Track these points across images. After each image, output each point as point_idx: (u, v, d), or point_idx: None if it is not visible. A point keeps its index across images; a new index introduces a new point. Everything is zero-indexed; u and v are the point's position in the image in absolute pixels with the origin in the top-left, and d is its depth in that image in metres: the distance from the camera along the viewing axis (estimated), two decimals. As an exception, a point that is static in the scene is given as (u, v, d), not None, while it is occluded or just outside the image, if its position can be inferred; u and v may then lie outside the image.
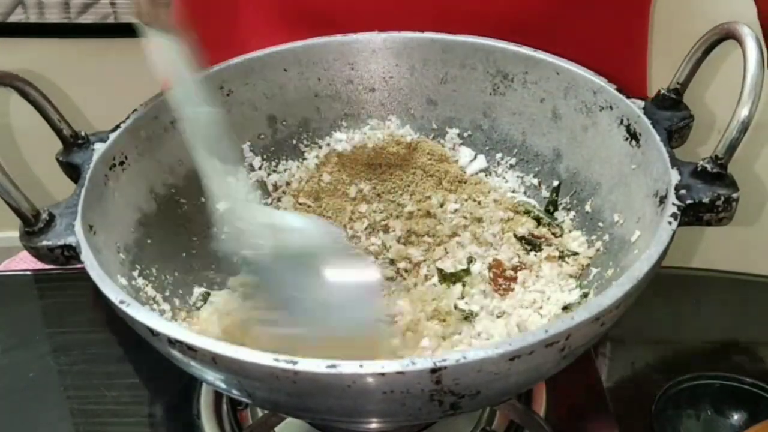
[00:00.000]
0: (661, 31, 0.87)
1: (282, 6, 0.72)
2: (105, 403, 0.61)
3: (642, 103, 0.53)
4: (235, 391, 0.42)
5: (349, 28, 0.63)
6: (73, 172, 0.52)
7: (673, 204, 0.45)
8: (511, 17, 0.69)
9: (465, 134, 0.64)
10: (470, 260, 0.57)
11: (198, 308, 0.55)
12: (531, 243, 0.58)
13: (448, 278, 0.56)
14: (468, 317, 0.53)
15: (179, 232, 0.57)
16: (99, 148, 0.52)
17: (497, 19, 0.67)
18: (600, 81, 0.56)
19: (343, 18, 0.68)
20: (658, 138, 0.50)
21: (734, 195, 0.46)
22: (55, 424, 0.60)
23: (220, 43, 0.67)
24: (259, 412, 0.58)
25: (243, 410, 0.59)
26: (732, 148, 0.46)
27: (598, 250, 0.55)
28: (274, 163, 0.64)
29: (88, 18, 1.17)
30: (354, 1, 0.69)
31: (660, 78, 0.57)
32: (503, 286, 0.55)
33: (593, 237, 0.56)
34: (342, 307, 0.47)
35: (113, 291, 0.42)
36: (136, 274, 0.50)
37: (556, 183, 0.60)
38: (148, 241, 0.54)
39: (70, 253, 0.45)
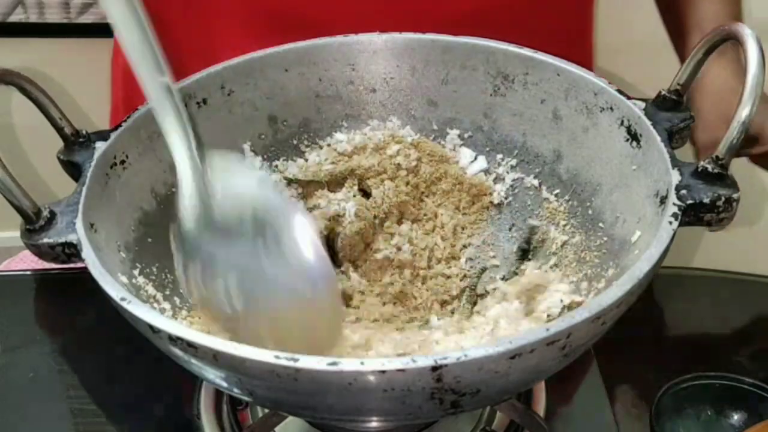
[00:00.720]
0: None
1: (255, 13, 0.72)
2: (105, 403, 0.61)
3: (642, 104, 0.53)
4: (235, 389, 0.42)
5: (323, 33, 0.63)
6: (74, 170, 0.52)
7: (674, 204, 0.45)
8: (461, 12, 0.69)
9: (465, 135, 0.64)
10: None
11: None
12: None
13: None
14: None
15: (180, 232, 0.57)
16: (100, 146, 0.52)
17: (451, 15, 0.68)
18: (601, 82, 0.56)
19: (315, 22, 0.68)
20: (658, 139, 0.50)
21: (735, 195, 0.46)
22: (55, 424, 0.60)
23: (193, 53, 0.67)
24: (260, 412, 0.58)
25: (243, 410, 0.59)
26: (733, 148, 0.46)
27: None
28: (274, 164, 0.64)
29: (88, 18, 1.17)
30: (324, 5, 0.69)
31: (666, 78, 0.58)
32: None
33: (593, 237, 0.56)
34: (290, 284, 0.44)
35: (114, 288, 0.42)
36: (136, 272, 0.51)
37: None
38: (149, 240, 0.54)
39: (71, 251, 0.45)
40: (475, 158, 0.64)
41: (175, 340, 0.39)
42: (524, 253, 0.59)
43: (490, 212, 0.63)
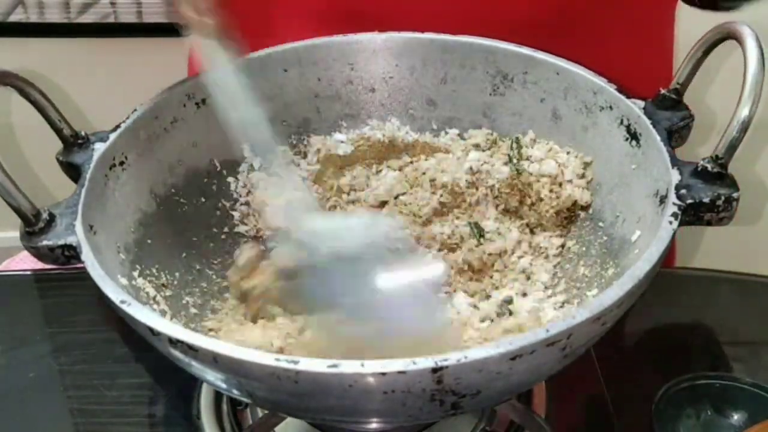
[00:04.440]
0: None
1: (319, 6, 0.72)
2: (105, 403, 0.61)
3: (642, 104, 0.53)
4: (235, 391, 0.42)
5: (384, 26, 0.63)
6: (74, 171, 0.52)
7: (674, 204, 0.45)
8: (524, 19, 0.68)
9: (465, 134, 0.64)
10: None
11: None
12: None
13: None
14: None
15: (179, 232, 0.57)
16: (99, 148, 0.52)
17: (511, 21, 0.67)
18: (600, 81, 0.56)
19: (374, 17, 0.67)
20: (658, 138, 0.50)
21: (735, 195, 0.46)
22: (55, 424, 0.60)
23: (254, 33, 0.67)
24: (259, 412, 0.58)
25: (243, 410, 0.59)
26: (732, 147, 0.46)
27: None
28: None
29: (88, 18, 1.17)
30: (386, 2, 0.69)
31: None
32: None
33: (593, 236, 0.56)
34: (402, 307, 0.47)
35: (114, 291, 0.42)
36: (136, 274, 0.50)
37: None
38: (149, 241, 0.53)
39: (71, 253, 0.45)
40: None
41: (175, 342, 0.39)
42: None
43: None
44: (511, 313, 0.53)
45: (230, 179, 0.61)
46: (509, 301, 0.54)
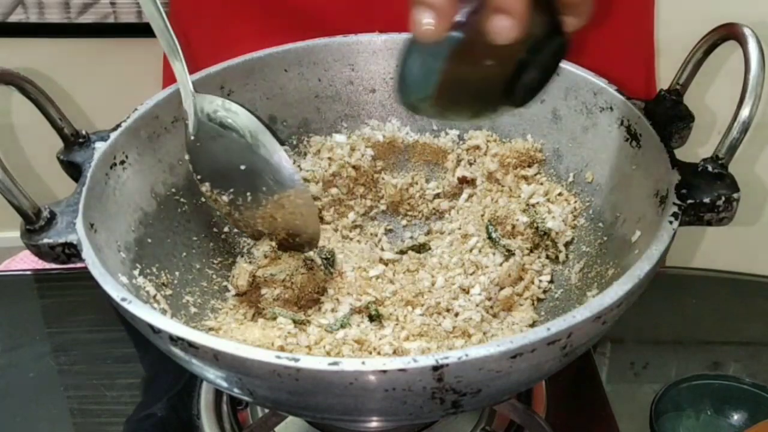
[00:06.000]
0: (668, 31, 0.87)
1: (272, 10, 0.72)
2: (105, 403, 0.61)
3: (642, 104, 0.53)
4: (236, 389, 0.42)
5: (340, 31, 0.63)
6: (74, 170, 0.52)
7: (674, 204, 0.45)
8: None
9: (465, 135, 0.64)
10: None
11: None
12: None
13: None
14: None
15: (179, 232, 0.57)
16: (100, 147, 0.52)
17: None
18: (600, 82, 0.56)
19: (333, 20, 0.68)
20: (658, 139, 0.50)
21: (735, 195, 0.46)
22: (55, 424, 0.60)
23: (211, 47, 0.67)
24: (259, 412, 0.59)
25: (243, 410, 0.59)
26: (733, 148, 0.46)
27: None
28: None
29: (88, 18, 1.17)
30: (343, 4, 0.69)
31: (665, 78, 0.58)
32: None
33: (593, 237, 0.56)
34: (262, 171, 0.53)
35: (115, 289, 0.42)
36: (136, 272, 0.50)
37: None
38: (149, 240, 0.54)
39: (71, 251, 0.45)
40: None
41: (176, 340, 0.39)
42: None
43: None
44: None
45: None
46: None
